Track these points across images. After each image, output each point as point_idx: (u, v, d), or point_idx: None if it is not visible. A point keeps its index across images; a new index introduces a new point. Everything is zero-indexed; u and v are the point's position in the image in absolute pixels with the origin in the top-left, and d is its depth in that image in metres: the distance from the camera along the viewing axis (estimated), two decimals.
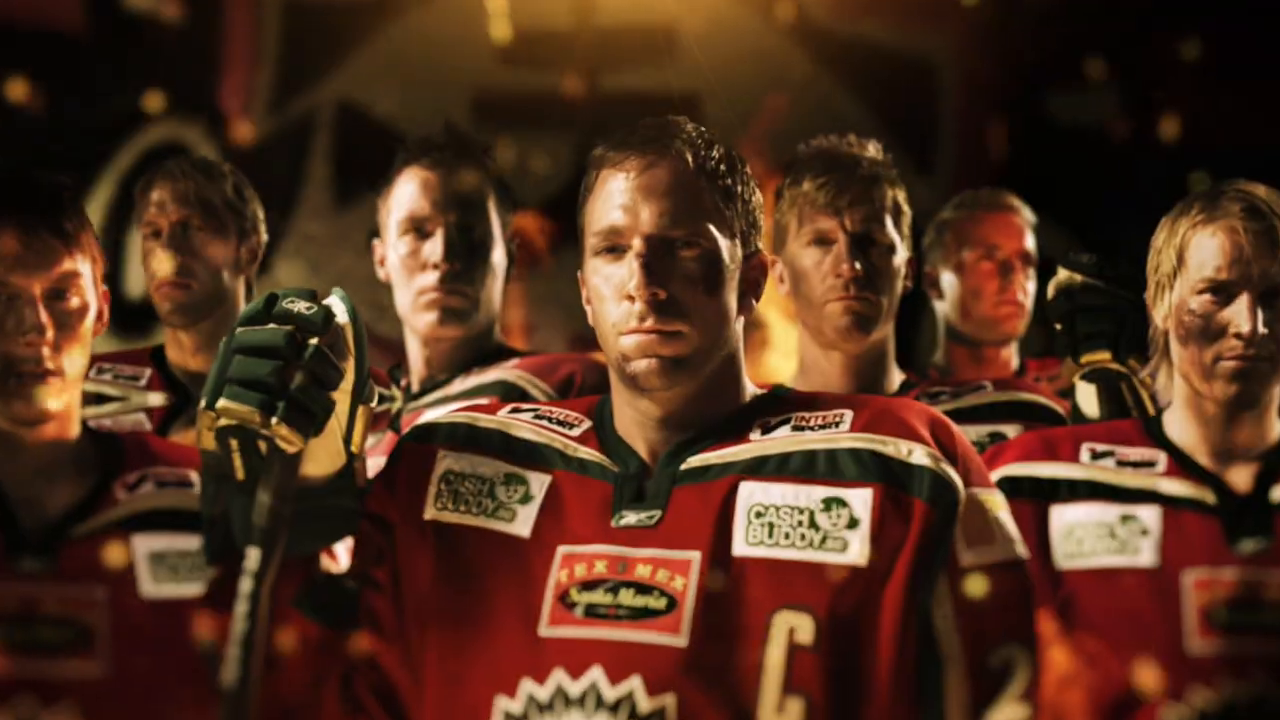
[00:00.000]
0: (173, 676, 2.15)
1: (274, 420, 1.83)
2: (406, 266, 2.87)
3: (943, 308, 3.60)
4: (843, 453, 1.95)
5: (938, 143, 5.13)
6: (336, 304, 1.91)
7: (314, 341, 1.86)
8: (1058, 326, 2.73)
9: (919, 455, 1.93)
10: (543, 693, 1.88)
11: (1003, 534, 1.96)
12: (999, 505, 1.97)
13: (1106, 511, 2.29)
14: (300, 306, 1.87)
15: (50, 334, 2.15)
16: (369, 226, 3.07)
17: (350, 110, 5.24)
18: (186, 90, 5.16)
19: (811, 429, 1.99)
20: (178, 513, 2.23)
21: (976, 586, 1.89)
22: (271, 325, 1.86)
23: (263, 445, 1.86)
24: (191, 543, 2.18)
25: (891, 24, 5.23)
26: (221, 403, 1.82)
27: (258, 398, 1.82)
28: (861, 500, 1.92)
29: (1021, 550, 1.96)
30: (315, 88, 5.25)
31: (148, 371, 3.05)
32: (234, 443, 1.86)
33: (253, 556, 1.86)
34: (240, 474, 1.87)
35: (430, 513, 2.02)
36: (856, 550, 1.90)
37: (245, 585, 1.84)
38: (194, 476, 2.26)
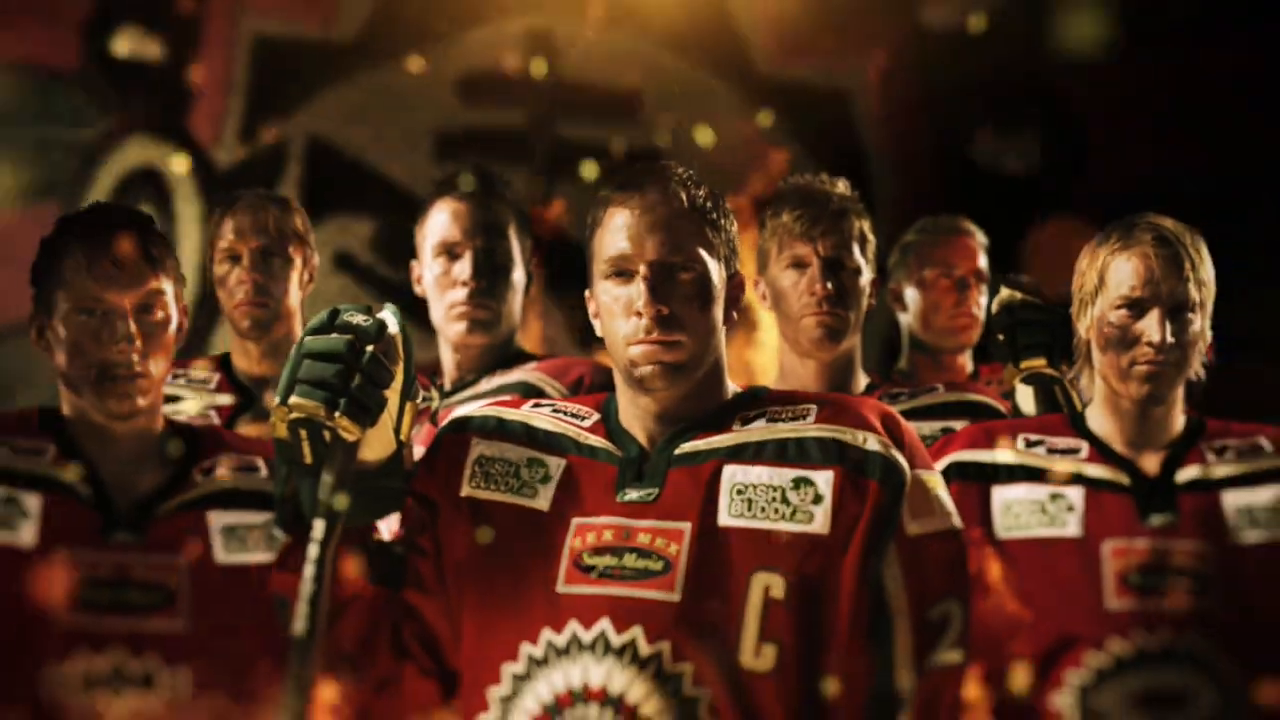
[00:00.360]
0: (243, 629, 2.41)
1: (337, 414, 2.07)
2: (440, 284, 3.12)
3: (906, 319, 3.80)
4: (809, 440, 2.20)
5: (866, 180, 5.23)
6: (388, 317, 2.15)
7: (370, 348, 2.10)
8: (1000, 337, 3.00)
9: (872, 443, 2.19)
10: (560, 639, 2.14)
11: (941, 508, 2.21)
12: (938, 484, 2.23)
13: (1038, 491, 2.56)
14: (358, 319, 2.11)
15: (139, 343, 2.42)
16: (333, 248, 3.27)
17: (319, 143, 5.31)
18: (162, 117, 5.26)
19: (783, 421, 2.24)
20: (245, 493, 2.51)
21: (920, 552, 2.16)
22: (335, 334, 2.10)
23: (327, 435, 2.09)
24: (257, 518, 2.47)
25: (821, 67, 5.40)
26: (293, 399, 2.07)
27: (324, 395, 2.07)
28: (825, 480, 2.17)
29: (957, 521, 2.22)
30: (287, 121, 5.32)
31: (216, 376, 3.29)
32: (303, 433, 2.09)
33: (319, 527, 2.09)
34: (308, 459, 2.10)
35: (466, 490, 2.26)
36: (820, 521, 2.15)
37: (312, 551, 2.08)
38: (259, 462, 2.53)
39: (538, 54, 5.38)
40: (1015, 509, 2.57)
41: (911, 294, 3.77)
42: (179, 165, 5.17)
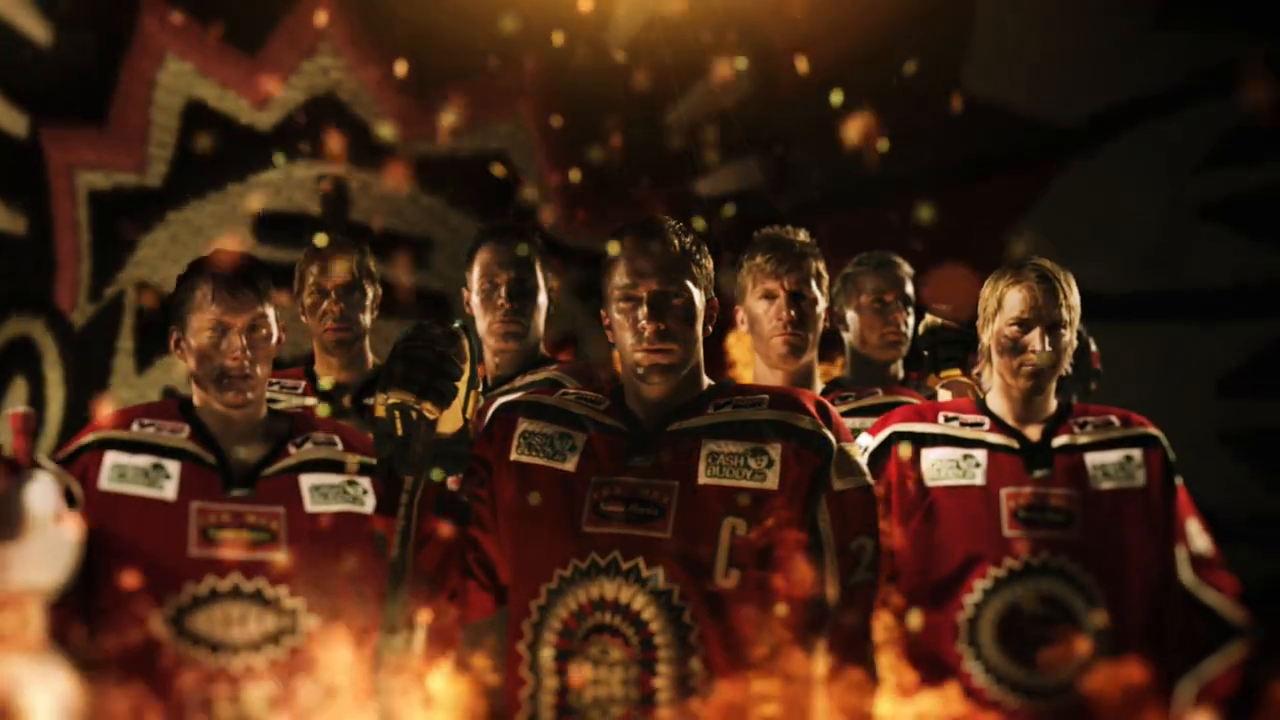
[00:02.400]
0: (325, 559, 3.07)
1: (422, 400, 2.72)
2: (484, 305, 3.84)
3: (848, 337, 4.25)
4: (763, 421, 2.82)
5: None
6: (459, 330, 2.78)
7: (445, 353, 2.74)
8: (925, 353, 3.79)
9: (809, 423, 2.81)
10: (584, 565, 2.76)
11: (859, 470, 2.84)
12: (857, 453, 2.87)
13: (954, 452, 3.37)
14: (437, 330, 2.77)
15: (248, 353, 3.10)
16: (160, 387, 3.71)
17: (144, 289, 5.77)
18: (32, 290, 5.74)
19: (744, 407, 2.84)
20: (326, 461, 3.18)
21: (843, 501, 2.81)
22: (420, 341, 2.75)
23: (414, 415, 2.72)
24: (335, 478, 3.13)
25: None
26: (391, 389, 2.73)
27: (413, 387, 2.71)
28: (775, 450, 2.79)
29: (869, 479, 2.86)
30: (119, 273, 5.80)
31: (303, 383, 3.97)
32: (397, 414, 2.73)
33: (408, 481, 2.75)
34: (400, 432, 2.73)
35: (514, 455, 2.86)
36: (772, 480, 2.77)
37: (404, 499, 2.74)
38: (336, 439, 3.18)
39: (332, 197, 5.94)
40: (938, 465, 3.36)
41: (851, 316, 4.22)
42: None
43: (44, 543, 2.86)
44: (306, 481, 3.14)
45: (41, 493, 2.88)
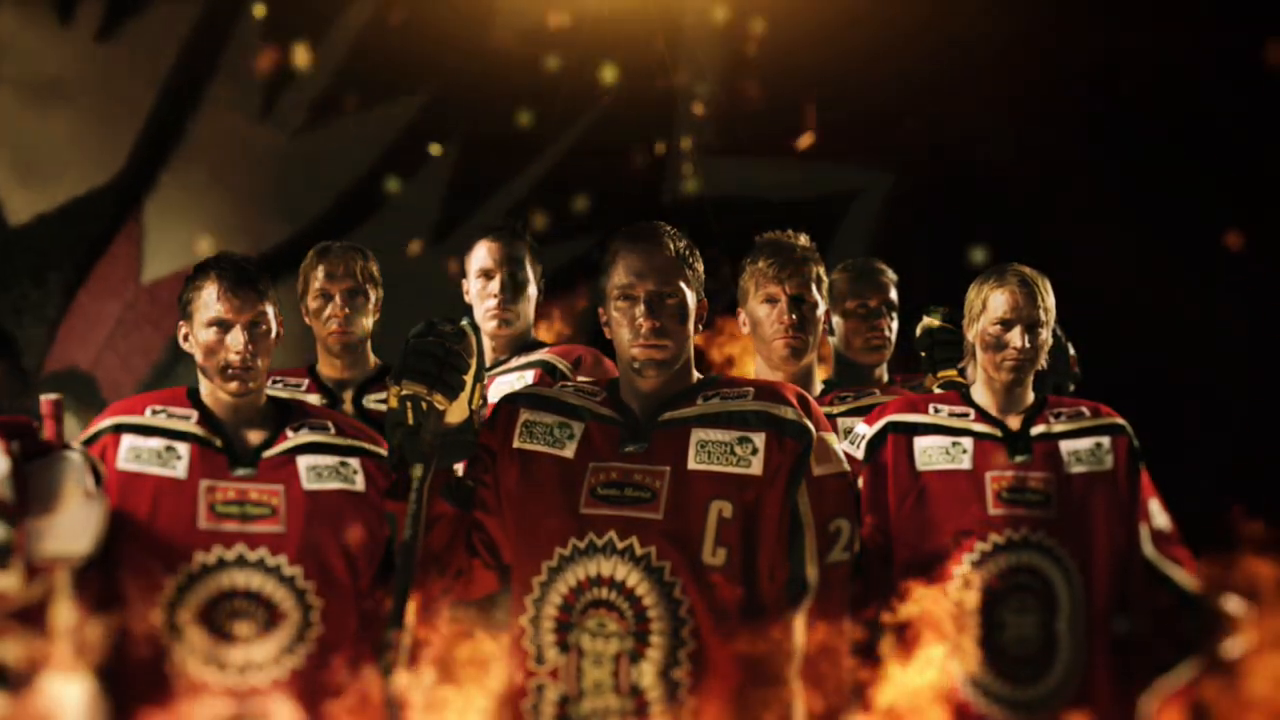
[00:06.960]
0: (320, 533, 3.41)
1: (432, 392, 3.03)
2: (480, 296, 4.29)
3: (833, 340, 4.47)
4: (748, 412, 3.11)
5: None
6: (465, 326, 3.09)
7: (453, 348, 3.05)
8: (922, 354, 4.20)
9: (790, 414, 3.11)
10: (582, 544, 3.06)
11: (836, 457, 3.15)
12: (834, 441, 3.18)
13: (943, 440, 3.77)
14: (446, 327, 3.07)
15: (250, 347, 3.45)
16: None
17: None
18: None
19: (730, 399, 3.13)
20: (321, 444, 3.51)
21: (821, 486, 3.12)
22: (430, 337, 3.06)
23: (424, 405, 3.03)
24: (329, 460, 3.47)
25: None
26: (404, 382, 3.04)
27: (424, 379, 3.03)
28: (760, 439, 3.09)
29: (845, 466, 3.18)
30: None
31: (306, 380, 4.32)
32: (409, 405, 3.04)
33: (418, 468, 3.05)
34: (411, 422, 3.04)
35: (516, 443, 3.15)
36: (756, 466, 3.07)
37: (414, 484, 3.04)
38: (329, 424, 3.52)
39: None
40: (929, 451, 3.77)
41: (837, 320, 4.44)
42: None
43: (75, 516, 3.21)
44: (304, 462, 3.48)
45: (73, 470, 3.25)
